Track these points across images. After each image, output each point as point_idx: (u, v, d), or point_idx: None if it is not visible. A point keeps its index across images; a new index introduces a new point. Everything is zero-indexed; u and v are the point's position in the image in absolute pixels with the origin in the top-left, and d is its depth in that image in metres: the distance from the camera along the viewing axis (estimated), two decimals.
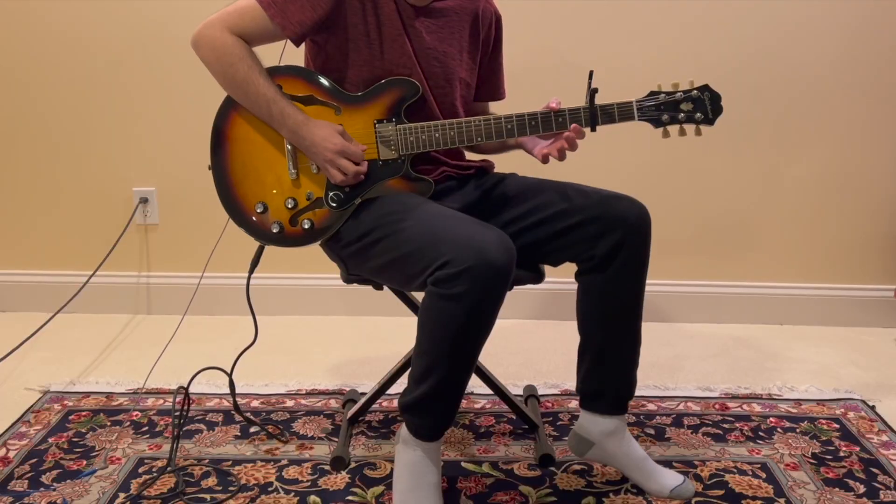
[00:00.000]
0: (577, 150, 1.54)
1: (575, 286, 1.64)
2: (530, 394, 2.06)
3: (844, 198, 2.60)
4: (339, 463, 1.73)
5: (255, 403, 2.04)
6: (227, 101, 1.61)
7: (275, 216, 1.60)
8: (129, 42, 2.55)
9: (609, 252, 1.55)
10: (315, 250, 1.71)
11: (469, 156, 1.80)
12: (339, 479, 1.69)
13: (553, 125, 1.53)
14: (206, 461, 1.76)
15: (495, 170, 1.79)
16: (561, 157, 1.55)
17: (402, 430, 1.56)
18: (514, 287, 1.51)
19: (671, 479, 1.63)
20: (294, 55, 1.69)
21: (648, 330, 1.68)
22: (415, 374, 1.48)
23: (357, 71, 1.59)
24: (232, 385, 1.88)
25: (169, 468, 1.72)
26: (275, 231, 1.61)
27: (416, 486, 1.52)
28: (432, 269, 1.38)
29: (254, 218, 1.61)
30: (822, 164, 2.58)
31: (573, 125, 1.52)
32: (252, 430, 1.90)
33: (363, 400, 1.90)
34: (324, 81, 1.60)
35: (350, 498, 1.63)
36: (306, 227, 1.60)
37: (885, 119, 2.53)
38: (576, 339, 1.66)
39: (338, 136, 1.54)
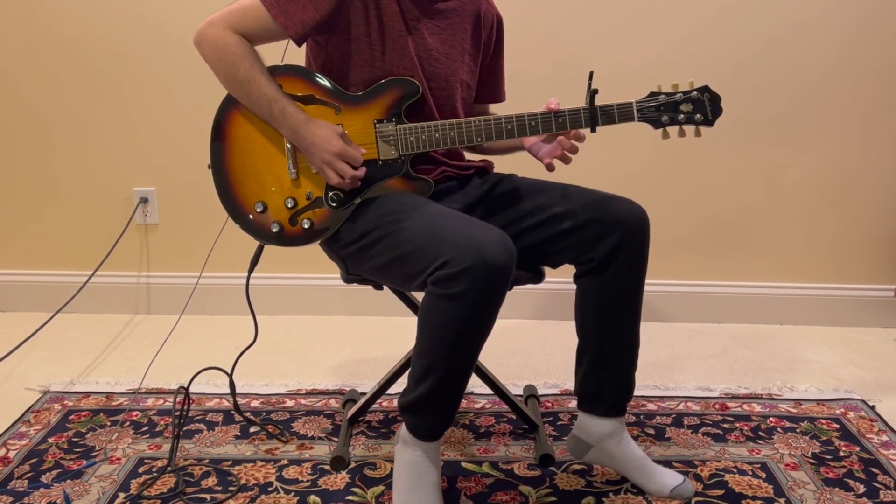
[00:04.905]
0: (578, 152, 1.58)
1: (574, 286, 1.64)
2: (530, 394, 2.06)
3: (844, 198, 2.60)
4: (339, 463, 1.73)
5: (255, 403, 2.04)
6: (228, 98, 1.60)
7: (274, 216, 1.60)
8: (129, 42, 2.55)
9: (608, 254, 1.55)
10: (315, 250, 1.71)
11: (469, 156, 1.80)
12: (339, 479, 1.69)
13: (553, 126, 1.53)
14: (206, 461, 1.76)
15: (495, 170, 1.80)
16: (566, 161, 1.59)
17: (402, 430, 1.56)
18: (514, 287, 1.51)
19: (671, 478, 1.63)
20: (295, 54, 1.69)
21: (648, 330, 1.68)
22: (415, 374, 1.48)
23: (358, 71, 1.59)
24: (232, 385, 1.89)
25: (169, 468, 1.72)
26: (274, 230, 1.61)
27: (416, 486, 1.52)
28: (432, 269, 1.38)
29: (253, 217, 1.61)
30: (822, 164, 2.58)
31: (572, 131, 1.52)
32: (252, 430, 1.90)
33: (363, 400, 1.90)
34: (324, 81, 1.60)
35: (350, 498, 1.63)
36: (306, 226, 1.59)
37: (885, 119, 2.53)
38: (576, 338, 1.65)
39: (338, 139, 1.54)
